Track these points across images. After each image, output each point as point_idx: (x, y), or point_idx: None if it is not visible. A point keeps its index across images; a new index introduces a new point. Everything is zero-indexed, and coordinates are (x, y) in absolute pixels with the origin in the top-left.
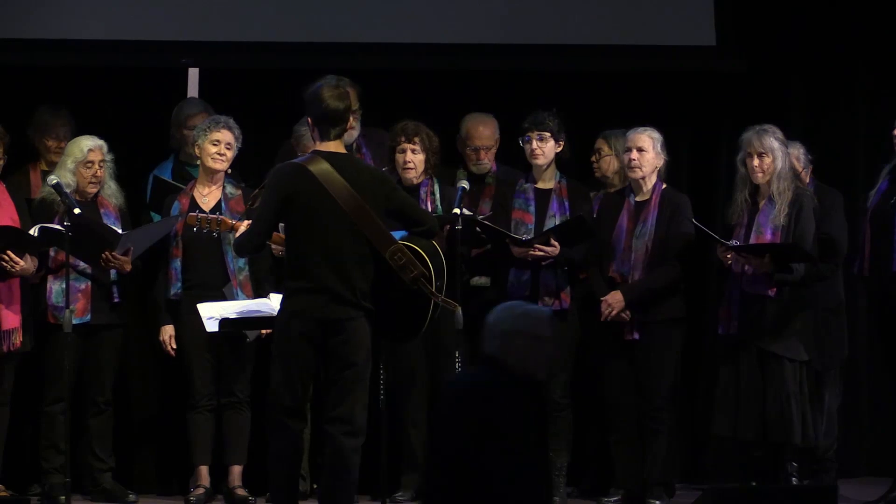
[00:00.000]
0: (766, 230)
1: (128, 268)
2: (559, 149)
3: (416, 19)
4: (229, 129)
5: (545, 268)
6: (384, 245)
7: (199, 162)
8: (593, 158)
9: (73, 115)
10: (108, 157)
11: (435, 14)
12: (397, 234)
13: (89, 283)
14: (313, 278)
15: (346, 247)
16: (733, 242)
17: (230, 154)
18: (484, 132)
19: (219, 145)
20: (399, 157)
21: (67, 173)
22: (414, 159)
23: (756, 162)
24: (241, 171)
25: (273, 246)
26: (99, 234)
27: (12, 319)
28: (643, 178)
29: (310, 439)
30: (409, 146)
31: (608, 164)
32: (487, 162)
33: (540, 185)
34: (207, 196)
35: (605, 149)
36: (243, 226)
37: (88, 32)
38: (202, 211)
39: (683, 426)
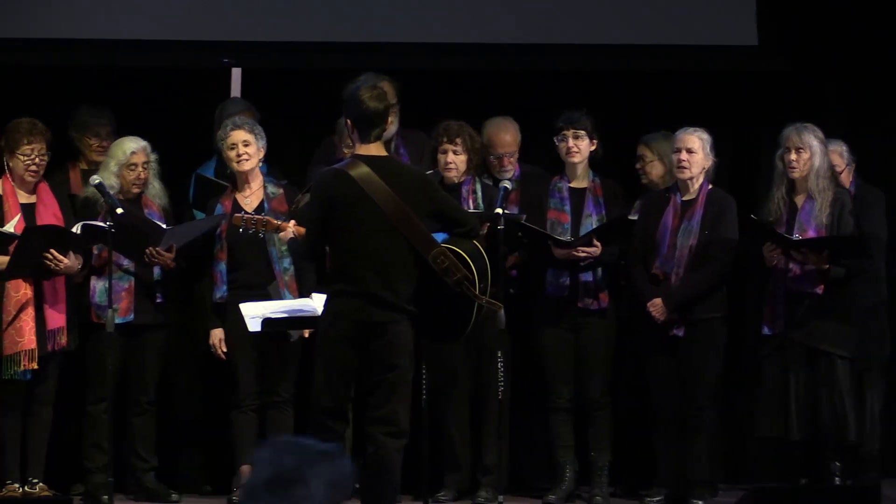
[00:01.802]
0: (810, 228)
1: (171, 264)
2: (593, 147)
3: (456, 19)
4: (238, 127)
5: (584, 268)
6: (426, 248)
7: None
8: (638, 166)
9: (115, 115)
10: (153, 158)
11: (476, 14)
12: (439, 236)
13: (132, 282)
14: (355, 282)
15: (388, 250)
16: (796, 236)
17: (251, 150)
18: (506, 139)
19: (235, 147)
20: (441, 157)
21: (111, 175)
22: (455, 160)
23: (793, 156)
24: (283, 170)
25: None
26: (142, 229)
27: (58, 318)
28: (691, 178)
29: (351, 440)
30: (450, 147)
31: (653, 168)
32: (510, 167)
33: (574, 185)
34: (249, 197)
35: (648, 154)
36: (290, 226)
37: (132, 32)
38: (246, 212)
39: (725, 425)
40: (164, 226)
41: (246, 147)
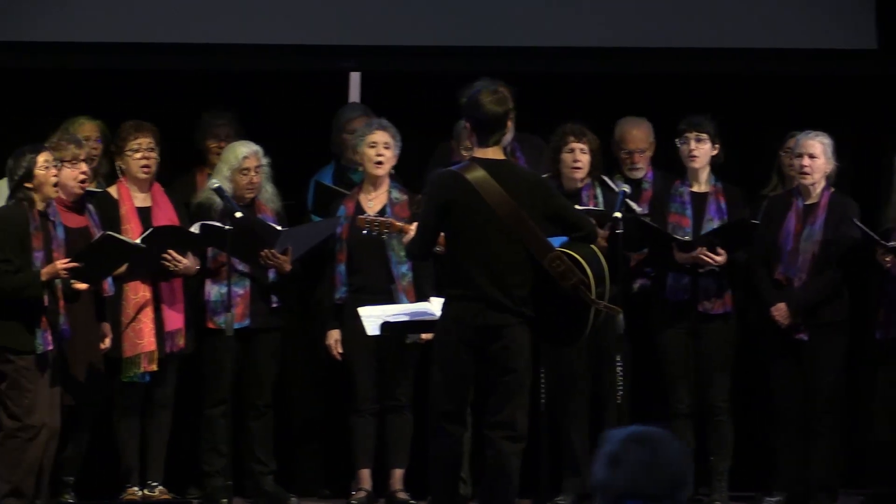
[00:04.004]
0: None
1: (287, 267)
2: (715, 152)
3: (571, 23)
4: (384, 129)
5: (704, 272)
6: (542, 252)
7: (360, 168)
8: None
9: (237, 118)
10: (265, 162)
11: (590, 18)
12: (557, 240)
13: (248, 287)
14: (471, 286)
15: (504, 254)
16: (892, 244)
17: (389, 154)
18: (637, 135)
19: (376, 146)
20: (567, 156)
21: (224, 179)
22: (582, 159)
23: None
24: (402, 174)
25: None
26: (259, 232)
27: (176, 319)
28: (813, 184)
29: (470, 443)
30: (577, 145)
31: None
32: (642, 166)
33: (695, 189)
34: (373, 201)
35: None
36: (412, 228)
37: (253, 37)
38: (369, 214)
39: (845, 430)
40: (279, 228)
41: (386, 149)
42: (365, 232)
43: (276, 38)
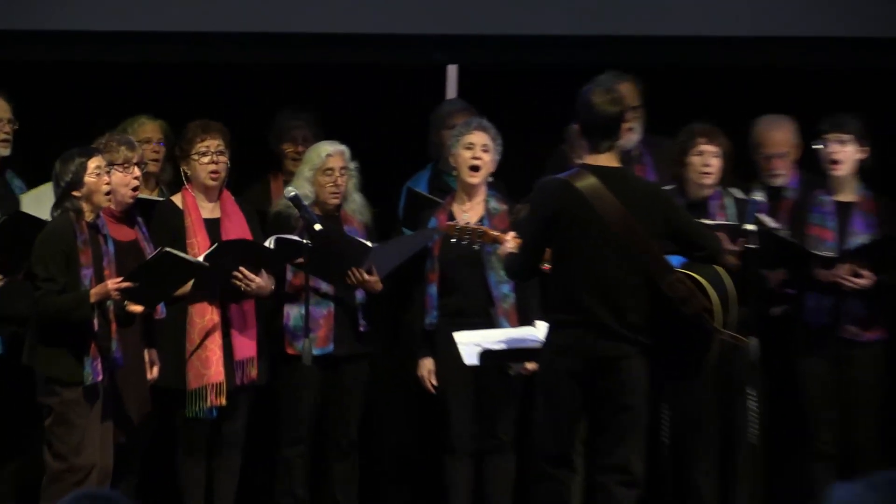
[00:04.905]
0: None
1: (378, 287)
2: (861, 156)
3: (697, 10)
4: (483, 129)
5: (849, 292)
6: (661, 273)
7: (455, 172)
8: None
9: (316, 118)
10: (351, 165)
11: (720, 3)
12: (675, 259)
13: (332, 308)
14: (581, 310)
15: (618, 274)
16: None
17: (487, 158)
18: (776, 137)
19: (473, 148)
20: (695, 160)
21: (305, 183)
22: (713, 163)
23: None
24: (504, 180)
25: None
26: (345, 248)
27: (248, 347)
28: None
29: (582, 489)
30: (708, 148)
31: None
32: (783, 171)
33: (840, 198)
34: (468, 212)
35: None
36: (510, 238)
37: (336, 26)
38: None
39: None
40: (368, 244)
41: (484, 152)
42: (454, 241)
43: (363, 27)
